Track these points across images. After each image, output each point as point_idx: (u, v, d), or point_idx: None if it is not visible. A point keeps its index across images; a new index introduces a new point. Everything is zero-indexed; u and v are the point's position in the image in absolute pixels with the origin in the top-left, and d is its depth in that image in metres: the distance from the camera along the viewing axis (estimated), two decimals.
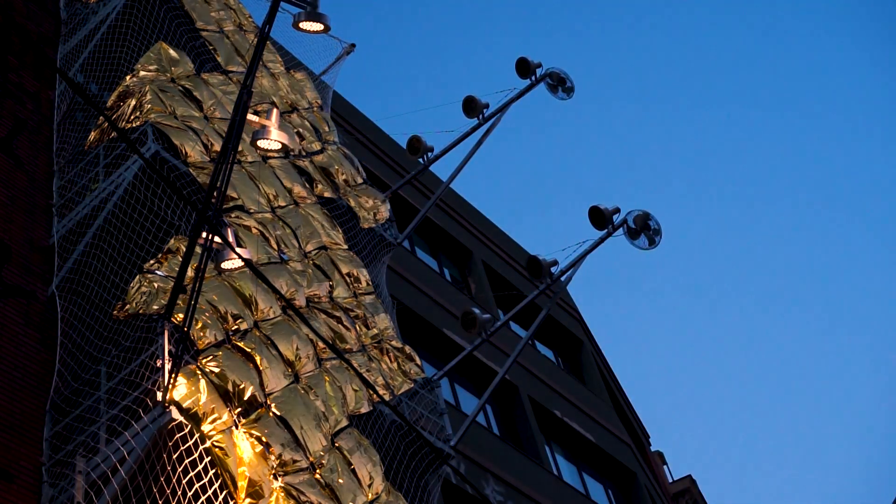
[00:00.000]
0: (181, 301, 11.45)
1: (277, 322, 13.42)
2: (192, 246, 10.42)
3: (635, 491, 25.14)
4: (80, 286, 13.04)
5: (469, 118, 19.35)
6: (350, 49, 20.33)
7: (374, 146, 24.19)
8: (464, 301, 22.76)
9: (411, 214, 22.88)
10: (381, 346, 15.63)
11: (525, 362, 23.49)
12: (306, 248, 15.54)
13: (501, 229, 28.55)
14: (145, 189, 13.28)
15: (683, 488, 33.80)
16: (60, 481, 11.22)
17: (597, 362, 28.39)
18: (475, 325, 16.89)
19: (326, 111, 19.42)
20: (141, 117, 14.25)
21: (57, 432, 11.81)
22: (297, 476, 12.06)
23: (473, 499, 18.54)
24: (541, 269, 17.44)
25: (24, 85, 15.71)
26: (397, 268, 20.88)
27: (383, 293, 17.08)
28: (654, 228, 17.13)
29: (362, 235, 17.60)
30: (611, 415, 26.32)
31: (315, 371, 13.57)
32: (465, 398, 21.44)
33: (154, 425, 10.75)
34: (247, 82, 9.78)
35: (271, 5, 9.46)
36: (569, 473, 23.47)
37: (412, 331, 20.51)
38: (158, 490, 10.62)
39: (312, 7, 9.69)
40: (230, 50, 17.19)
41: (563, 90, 19.30)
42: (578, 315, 29.23)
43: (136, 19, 15.98)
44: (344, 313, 15.21)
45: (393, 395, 14.97)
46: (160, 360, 11.14)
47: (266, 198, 15.37)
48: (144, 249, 12.97)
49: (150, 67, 15.17)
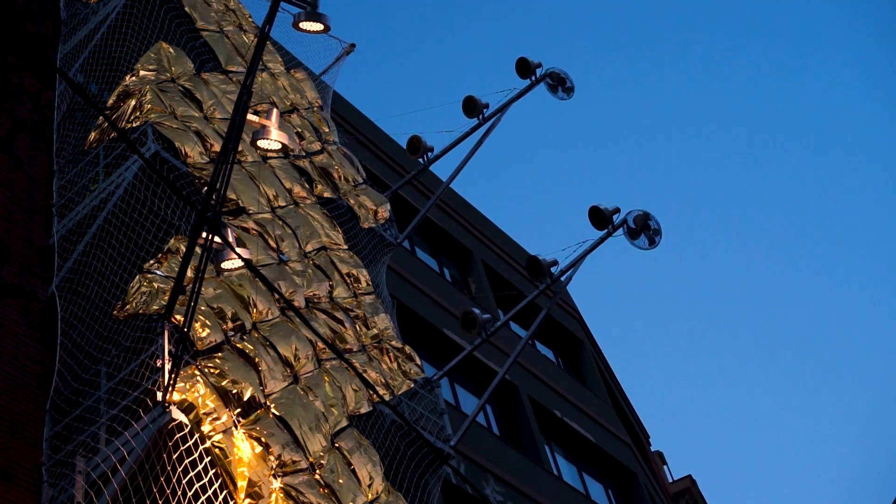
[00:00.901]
0: (181, 302, 11.46)
1: (276, 323, 13.42)
2: (192, 246, 10.42)
3: (635, 491, 25.13)
4: (80, 286, 13.04)
5: (469, 118, 19.37)
6: (350, 49, 20.33)
7: (374, 146, 24.19)
8: (464, 301, 22.76)
9: (411, 214, 22.87)
10: (381, 346, 15.63)
11: (525, 362, 23.49)
12: (306, 248, 15.54)
13: (501, 229, 28.54)
14: (145, 189, 13.28)
15: (683, 488, 33.78)
16: (60, 481, 11.22)
17: (597, 362, 28.38)
18: (475, 325, 16.90)
19: (326, 111, 19.41)
20: (141, 117, 14.26)
21: (57, 432, 11.81)
22: (297, 476, 12.07)
23: (473, 499, 18.53)
24: (541, 269, 17.45)
25: (24, 85, 15.70)
26: (397, 268, 20.88)
27: (383, 293, 17.08)
28: (654, 228, 17.15)
29: (362, 235, 17.60)
30: (611, 415, 26.31)
31: (314, 372, 13.57)
32: (465, 398, 21.44)
33: (154, 425, 10.75)
34: (247, 82, 9.78)
35: (271, 5, 9.46)
36: (569, 473, 23.46)
37: (412, 331, 20.51)
38: (158, 490, 10.63)
39: (312, 7, 9.70)
40: (230, 50, 17.19)
41: (563, 90, 19.31)
42: (578, 315, 29.22)
43: (136, 19, 15.98)
44: (344, 313, 15.21)
45: (393, 395, 14.97)
46: (160, 360, 11.15)
47: (266, 198, 15.37)
48: (144, 249, 12.97)
49: (149, 67, 15.17)
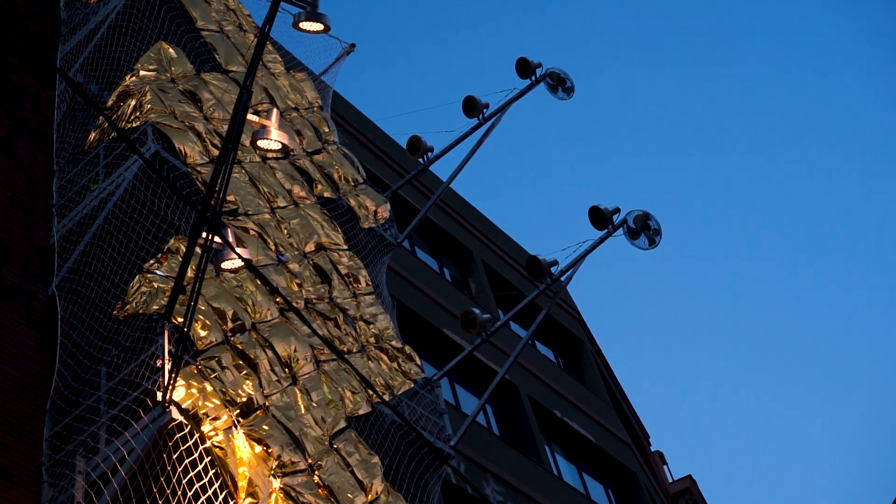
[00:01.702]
0: (181, 302, 11.46)
1: (275, 323, 13.42)
2: (192, 246, 10.42)
3: (635, 491, 25.13)
4: (80, 286, 13.04)
5: (469, 118, 19.37)
6: (350, 49, 20.32)
7: (374, 146, 24.19)
8: (464, 301, 22.76)
9: (411, 214, 22.87)
10: (381, 346, 15.63)
11: (525, 362, 23.49)
12: (305, 248, 15.54)
13: (501, 229, 28.54)
14: (145, 189, 13.29)
15: (683, 488, 33.78)
16: (60, 481, 11.23)
17: (597, 362, 28.38)
18: (475, 325, 16.89)
19: (326, 111, 19.41)
20: (141, 117, 14.26)
21: (57, 432, 11.81)
22: (296, 477, 12.07)
23: (473, 499, 18.53)
24: (541, 269, 17.45)
25: (24, 85, 15.71)
26: (397, 268, 20.88)
27: (383, 293, 17.08)
28: (654, 228, 17.14)
29: (362, 235, 17.59)
30: (611, 415, 26.31)
31: (313, 372, 13.56)
32: (465, 398, 21.44)
33: (154, 425, 10.76)
34: (247, 82, 9.78)
35: (271, 5, 9.46)
36: (569, 473, 23.46)
37: (412, 331, 20.50)
38: (158, 490, 10.63)
39: (312, 7, 9.69)
40: (230, 50, 17.18)
41: (563, 90, 19.31)
42: (578, 315, 29.22)
43: (136, 19, 15.99)
44: (343, 314, 15.21)
45: (393, 396, 14.97)
46: (160, 360, 11.16)
47: (265, 198, 15.37)
48: (144, 249, 12.97)
49: (149, 67, 15.17)
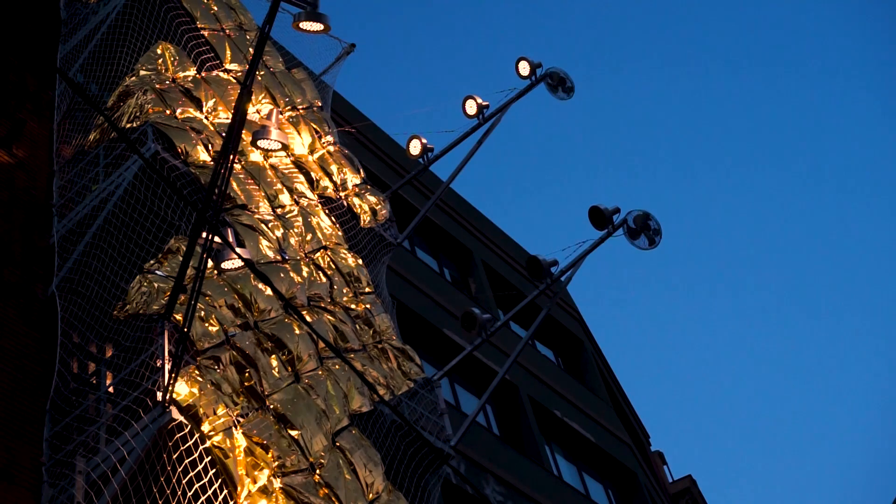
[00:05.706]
0: (181, 301, 11.46)
1: (277, 322, 13.42)
2: (192, 246, 10.42)
3: (635, 491, 25.12)
4: (80, 286, 13.04)
5: (469, 118, 19.36)
6: (350, 49, 20.31)
7: (374, 146, 24.18)
8: (464, 301, 22.75)
9: (411, 214, 22.86)
10: (381, 345, 15.62)
11: (525, 362, 23.48)
12: (306, 247, 15.54)
13: (501, 229, 28.53)
14: (145, 189, 13.29)
15: (683, 488, 33.75)
16: (60, 481, 11.22)
17: (597, 362, 28.37)
18: (475, 325, 16.88)
19: (326, 111, 19.40)
20: (141, 117, 14.26)
21: (57, 432, 11.81)
22: (297, 476, 12.05)
23: (473, 499, 18.53)
24: (541, 269, 17.43)
25: (24, 85, 15.70)
26: (397, 268, 20.87)
27: (383, 293, 17.07)
28: (654, 228, 17.13)
29: (362, 235, 17.59)
30: (611, 415, 26.30)
31: (316, 370, 13.56)
32: (465, 398, 21.43)
33: (154, 425, 10.76)
34: (247, 82, 9.78)
35: (271, 5, 9.45)
36: (569, 473, 23.45)
37: (412, 331, 20.49)
38: (158, 490, 10.63)
39: (312, 7, 9.71)
40: (231, 49, 17.18)
41: (563, 90, 19.29)
42: (578, 315, 29.21)
43: (137, 19, 15.98)
44: (344, 313, 15.21)
45: (393, 395, 14.96)
46: (160, 360, 11.15)
47: (266, 198, 15.37)
48: (144, 249, 12.97)
49: (149, 67, 15.17)
